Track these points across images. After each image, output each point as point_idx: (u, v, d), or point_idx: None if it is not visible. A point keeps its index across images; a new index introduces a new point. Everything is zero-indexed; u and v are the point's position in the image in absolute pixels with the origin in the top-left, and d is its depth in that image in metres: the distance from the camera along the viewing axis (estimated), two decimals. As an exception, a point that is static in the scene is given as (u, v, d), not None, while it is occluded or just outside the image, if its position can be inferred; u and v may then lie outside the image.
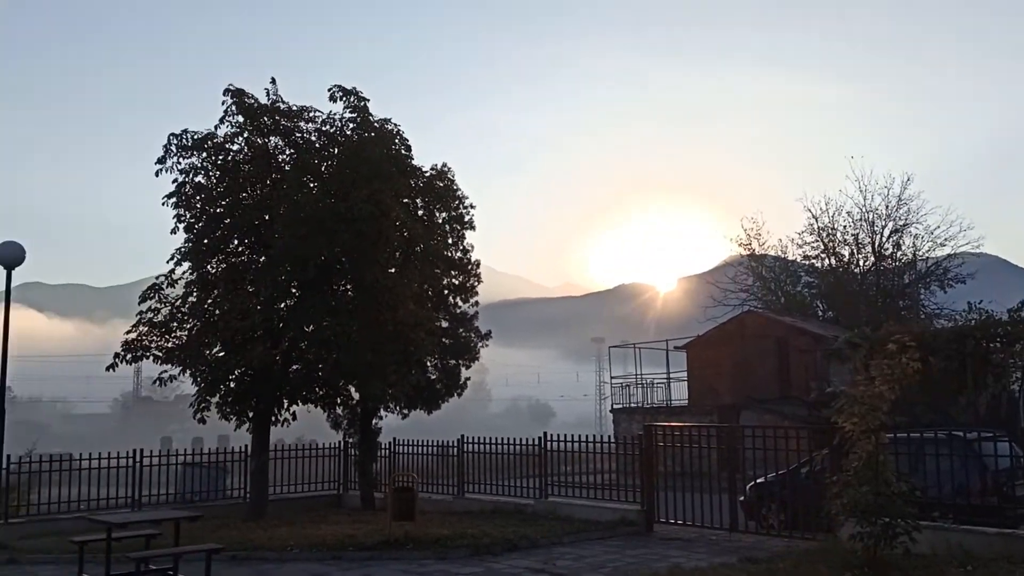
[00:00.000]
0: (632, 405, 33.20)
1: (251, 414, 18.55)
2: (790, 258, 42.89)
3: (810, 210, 41.37)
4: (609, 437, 19.56)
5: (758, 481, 14.97)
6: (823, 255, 41.05)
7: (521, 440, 18.67)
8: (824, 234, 40.94)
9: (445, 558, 13.14)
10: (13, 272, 16.10)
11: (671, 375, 33.54)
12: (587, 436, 17.91)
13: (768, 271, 43.03)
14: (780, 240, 43.10)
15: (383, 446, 21.39)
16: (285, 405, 18.72)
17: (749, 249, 43.24)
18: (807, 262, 42.19)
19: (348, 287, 18.80)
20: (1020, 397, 21.19)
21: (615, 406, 34.05)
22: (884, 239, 39.69)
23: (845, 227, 40.66)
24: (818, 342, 28.75)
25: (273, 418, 18.79)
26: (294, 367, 18.75)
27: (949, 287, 38.01)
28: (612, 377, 35.53)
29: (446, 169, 21.91)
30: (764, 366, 30.48)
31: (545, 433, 18.21)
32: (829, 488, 10.62)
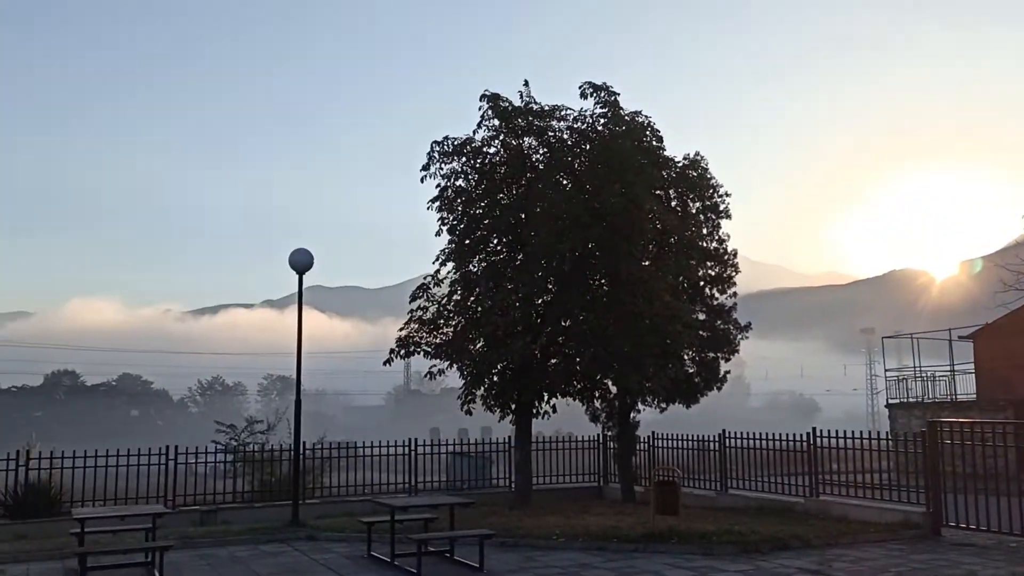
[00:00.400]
0: (910, 400, 30.79)
1: (513, 406, 19.19)
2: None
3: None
4: (885, 434, 18.26)
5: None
6: None
7: (786, 436, 17.89)
8: None
9: (711, 554, 12.85)
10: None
11: (955, 367, 30.76)
12: (859, 432, 16.80)
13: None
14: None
15: (641, 440, 21.36)
16: (545, 398, 19.17)
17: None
18: None
19: (603, 281, 18.93)
20: None
21: (891, 401, 31.76)
22: None
23: None
24: None
25: (534, 410, 19.34)
26: (553, 361, 19.18)
27: None
28: (886, 370, 33.18)
29: (699, 158, 21.48)
30: (1070, 358, 27.14)
31: (814, 429, 17.31)
32: None
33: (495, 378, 18.83)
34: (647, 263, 18.85)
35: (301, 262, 17.23)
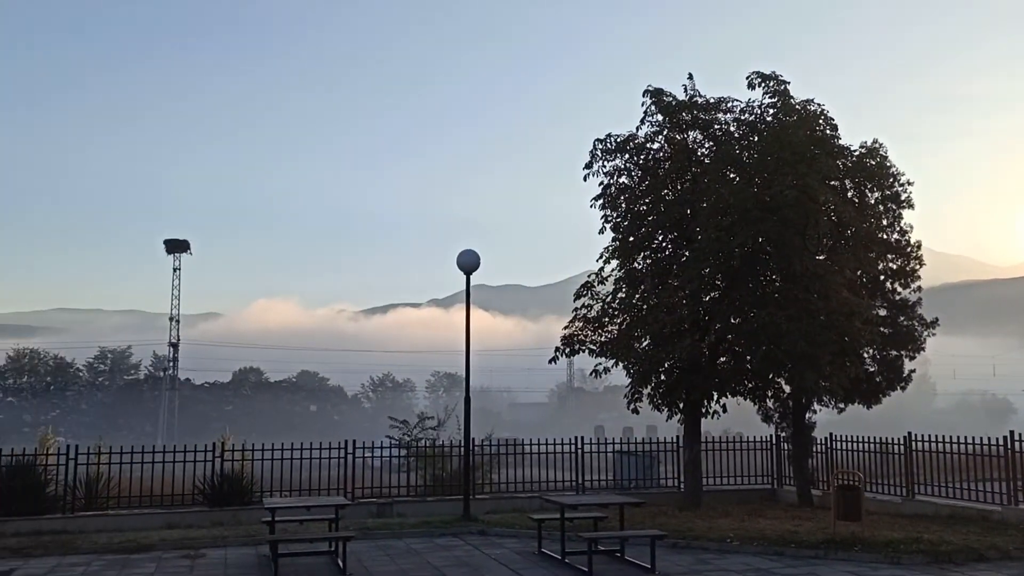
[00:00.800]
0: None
1: (681, 405, 18.86)
2: None
3: None
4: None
5: None
6: None
7: (980, 439, 16.66)
8: None
9: (898, 563, 12.15)
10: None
11: None
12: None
13: None
14: None
15: (817, 441, 20.48)
16: (715, 397, 18.72)
17: None
18: None
19: (775, 277, 18.28)
20: None
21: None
22: None
23: None
24: None
25: (703, 409, 18.92)
26: (722, 359, 18.70)
27: None
28: (1091, 369, 30.31)
29: (878, 145, 20.35)
30: None
31: (1011, 432, 16.04)
32: None
33: (662, 377, 18.58)
34: (822, 257, 18.06)
35: (469, 263, 17.61)
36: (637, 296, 19.04)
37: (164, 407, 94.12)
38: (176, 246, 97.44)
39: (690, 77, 19.21)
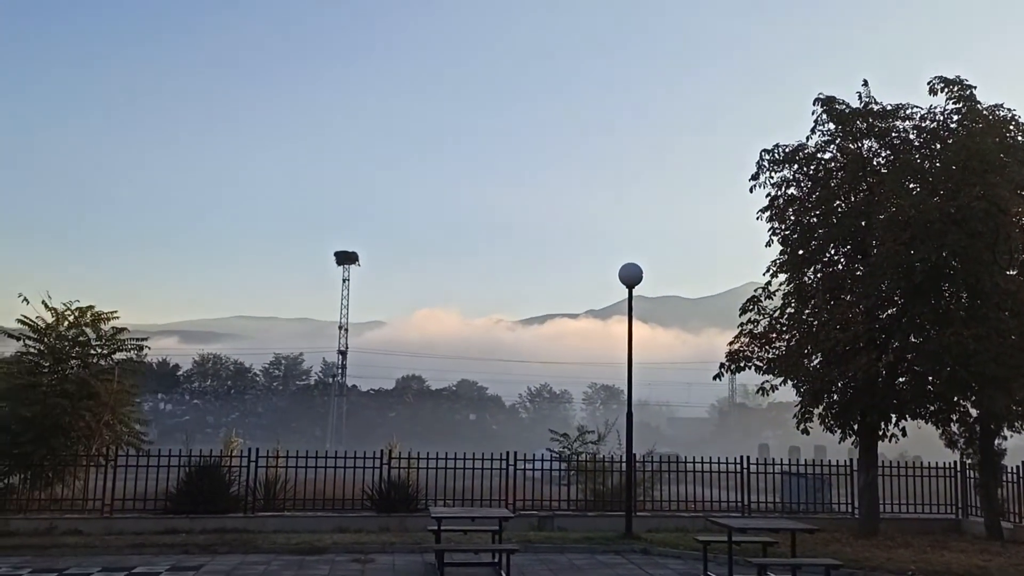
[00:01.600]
0: None
1: (856, 427, 17.96)
2: None
3: None
4: None
5: None
6: None
7: None
8: None
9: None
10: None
11: None
12: None
13: None
14: None
15: (1008, 470, 18.97)
16: (893, 419, 17.72)
17: None
18: None
19: (961, 293, 17.13)
20: None
21: None
22: None
23: None
24: None
25: (880, 432, 17.94)
26: (901, 379, 17.68)
27: None
28: None
29: (1077, 151, 18.71)
30: None
31: None
32: None
33: (835, 396, 17.77)
34: (1015, 273, 16.77)
35: (631, 276, 17.52)
36: (808, 311, 18.32)
37: (333, 412, 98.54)
38: (345, 258, 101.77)
39: (865, 83, 18.39)
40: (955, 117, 17.37)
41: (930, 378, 17.16)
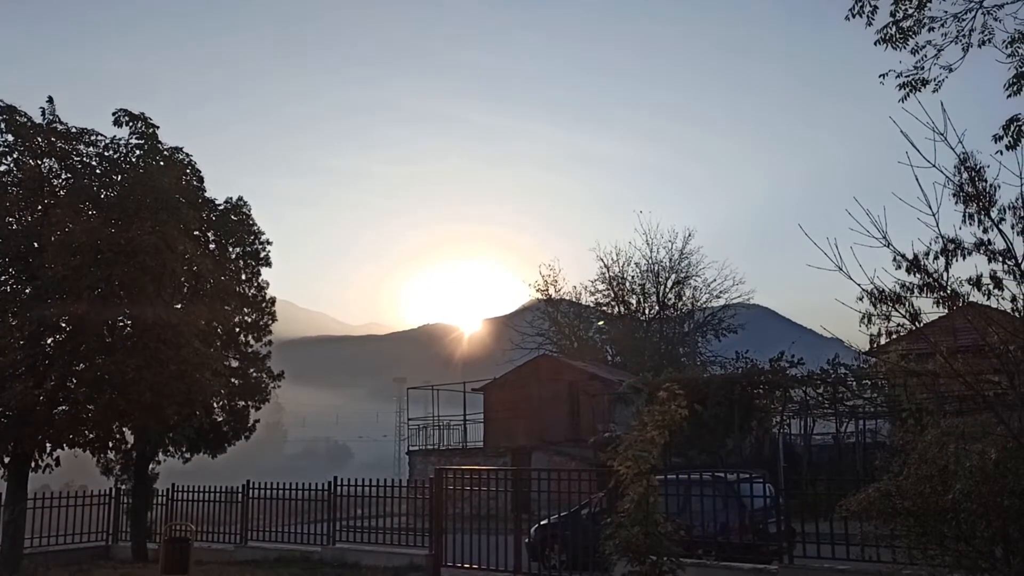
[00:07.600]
0: (428, 447, 33.21)
1: (7, 460, 16.89)
2: (584, 303, 45.02)
3: (602, 260, 43.74)
4: (402, 480, 19.42)
5: (542, 523, 15.26)
6: (613, 303, 43.40)
7: (310, 485, 18.15)
8: (615, 283, 43.31)
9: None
10: None
11: (468, 417, 33.88)
12: (380, 479, 17.62)
13: (563, 316, 44.79)
14: (575, 287, 45.20)
15: (160, 492, 20.12)
16: (48, 449, 17.15)
17: (546, 294, 44.96)
18: (599, 309, 44.41)
19: (127, 323, 17.63)
20: (779, 439, 23.04)
21: (411, 448, 33.93)
22: (667, 289, 42.55)
23: (633, 277, 43.35)
24: (607, 386, 30.04)
25: (33, 463, 17.18)
26: (62, 408, 17.28)
27: (723, 336, 41.21)
28: (409, 419, 35.43)
29: (241, 203, 21.20)
30: (557, 409, 31.46)
31: (335, 478, 17.80)
32: (604, 529, 10.97)
33: (-11, 426, 16.40)
34: (178, 306, 17.98)
35: None
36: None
37: None
38: None
39: (50, 100, 17.81)
40: (137, 152, 17.94)
41: (90, 407, 17.14)
